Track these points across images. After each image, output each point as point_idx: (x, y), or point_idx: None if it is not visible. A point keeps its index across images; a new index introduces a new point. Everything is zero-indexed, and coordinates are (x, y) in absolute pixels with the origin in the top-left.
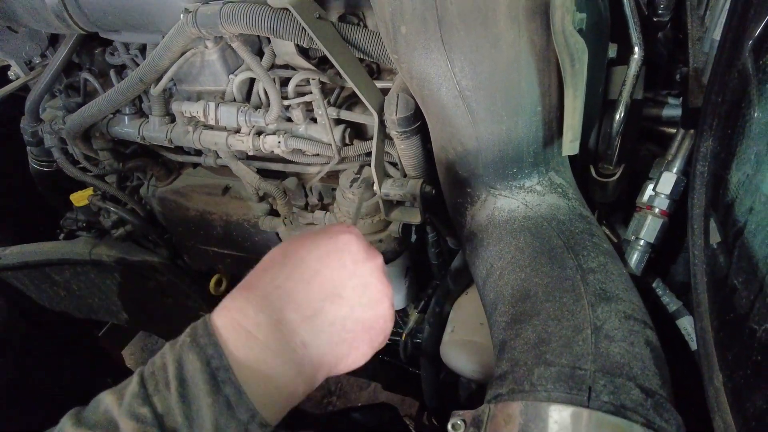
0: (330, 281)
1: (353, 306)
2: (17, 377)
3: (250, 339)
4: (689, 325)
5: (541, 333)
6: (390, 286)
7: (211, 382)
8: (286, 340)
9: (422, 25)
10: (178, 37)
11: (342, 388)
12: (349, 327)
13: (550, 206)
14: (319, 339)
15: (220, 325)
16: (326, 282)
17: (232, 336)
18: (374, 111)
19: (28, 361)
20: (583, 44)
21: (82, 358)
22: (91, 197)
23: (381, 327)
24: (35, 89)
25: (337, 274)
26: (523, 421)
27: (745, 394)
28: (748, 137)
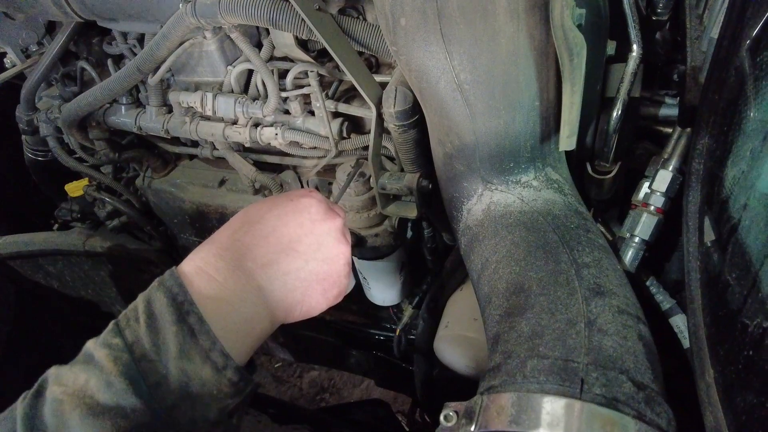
0: (287, 236)
1: (308, 260)
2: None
3: (211, 281)
4: (682, 323)
5: (534, 326)
6: (348, 245)
7: (176, 314)
8: (243, 283)
9: (422, 17)
10: (177, 27)
11: (335, 385)
12: (303, 277)
13: (545, 201)
14: (273, 285)
15: (185, 271)
16: (283, 237)
17: (195, 278)
18: (372, 104)
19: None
20: (582, 39)
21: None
22: (86, 187)
23: (335, 281)
24: (31, 77)
25: (293, 230)
26: (515, 412)
27: (736, 390)
28: (744, 134)
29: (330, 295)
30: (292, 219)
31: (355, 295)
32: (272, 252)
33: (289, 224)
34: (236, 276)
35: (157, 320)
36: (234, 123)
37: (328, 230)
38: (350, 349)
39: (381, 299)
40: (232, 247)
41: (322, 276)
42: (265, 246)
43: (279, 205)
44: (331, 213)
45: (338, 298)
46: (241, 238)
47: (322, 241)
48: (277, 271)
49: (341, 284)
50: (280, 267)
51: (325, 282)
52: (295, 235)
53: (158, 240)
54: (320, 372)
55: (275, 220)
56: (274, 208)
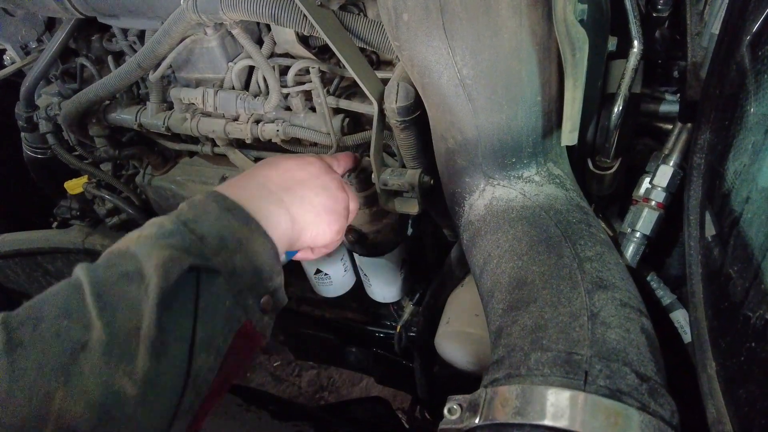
0: (298, 176)
1: (317, 193)
2: None
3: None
4: (682, 318)
5: (537, 319)
6: (347, 194)
7: (221, 204)
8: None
9: (424, 12)
10: (178, 23)
11: (334, 384)
12: (315, 203)
13: (547, 196)
14: (292, 202)
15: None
16: (295, 176)
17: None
18: (374, 100)
19: None
20: (584, 34)
21: None
22: (85, 185)
23: (338, 215)
24: (31, 74)
25: (303, 173)
26: (520, 405)
27: (738, 381)
28: (746, 128)
29: (335, 227)
30: (300, 165)
31: (355, 293)
32: (287, 181)
33: (300, 168)
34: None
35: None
36: (235, 119)
37: (331, 179)
38: (350, 346)
39: (381, 296)
40: (254, 177)
41: (329, 209)
42: (281, 179)
43: (287, 157)
44: (331, 169)
45: (339, 235)
46: (256, 174)
47: (326, 184)
48: (294, 194)
49: (342, 222)
50: (296, 192)
51: (331, 215)
52: (305, 176)
53: None
54: (319, 370)
55: (285, 164)
56: (283, 158)
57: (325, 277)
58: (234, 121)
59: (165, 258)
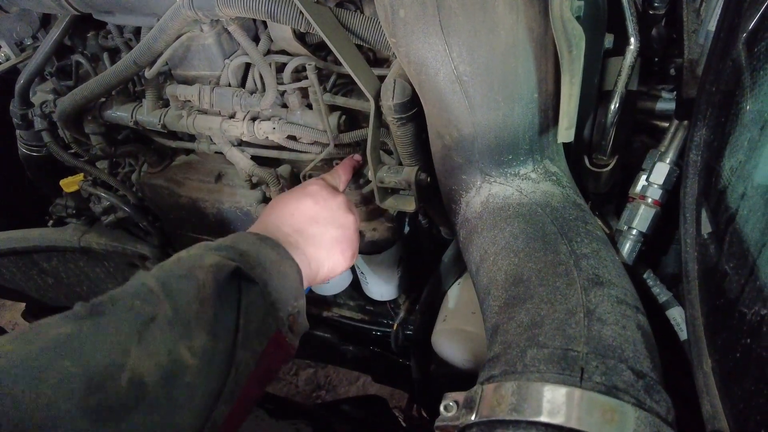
0: (306, 213)
1: (326, 228)
2: None
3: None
4: (678, 316)
5: (534, 316)
6: (354, 214)
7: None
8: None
9: (421, 8)
10: (174, 20)
11: (331, 382)
12: (325, 240)
13: (544, 193)
14: (305, 244)
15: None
16: (304, 214)
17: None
18: (371, 97)
19: None
20: (581, 31)
21: None
22: (81, 183)
23: (349, 243)
24: (26, 71)
25: (310, 209)
26: (516, 401)
27: (734, 378)
28: (742, 125)
29: (347, 254)
30: (307, 201)
31: (352, 291)
32: (298, 223)
33: (306, 204)
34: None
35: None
36: (231, 117)
37: (338, 205)
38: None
39: (378, 294)
40: (264, 223)
41: (340, 239)
42: (292, 220)
43: (293, 193)
44: (335, 191)
45: (353, 258)
46: (270, 219)
47: (334, 214)
48: (306, 235)
49: (354, 246)
50: (308, 232)
51: (342, 244)
52: (313, 212)
53: (154, 236)
54: (316, 369)
55: (294, 202)
56: (290, 197)
57: None
58: (230, 119)
59: (216, 261)
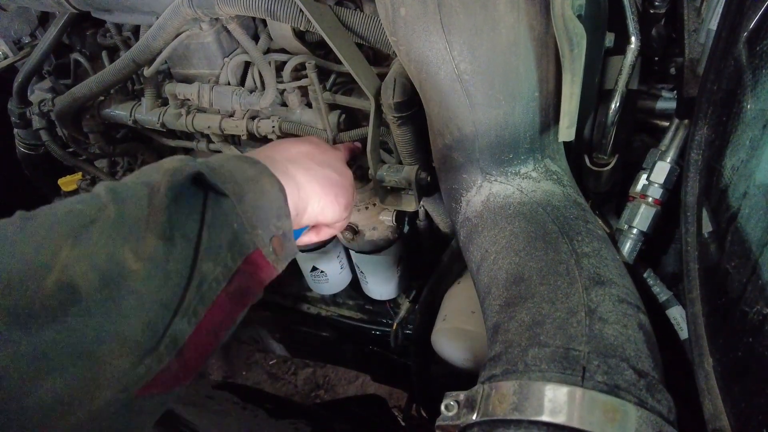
0: (303, 151)
1: (322, 167)
2: None
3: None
4: (679, 315)
5: (535, 315)
6: (349, 172)
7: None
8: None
9: (422, 7)
10: (173, 18)
11: (329, 382)
12: (320, 176)
13: (545, 192)
14: (297, 172)
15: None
16: (300, 151)
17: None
18: (371, 95)
19: None
20: (582, 29)
21: None
22: (80, 182)
23: (344, 189)
24: (24, 70)
25: (308, 149)
26: (517, 400)
27: (735, 377)
28: (743, 123)
29: (341, 200)
30: (305, 143)
31: (352, 290)
32: (294, 155)
33: (304, 145)
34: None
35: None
36: (230, 115)
37: (335, 155)
38: (346, 344)
39: (378, 293)
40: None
41: (334, 182)
42: (287, 152)
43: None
44: (334, 147)
45: (347, 209)
46: (262, 149)
47: (331, 160)
48: (298, 165)
49: (349, 198)
50: (302, 164)
51: (337, 187)
52: (310, 151)
53: None
54: (315, 368)
55: (292, 142)
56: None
57: (321, 274)
58: (229, 117)
59: (174, 165)
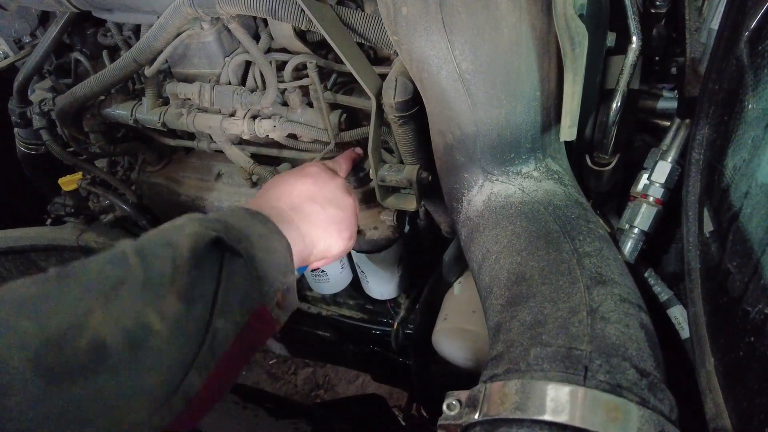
0: (305, 192)
1: (324, 207)
2: None
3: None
4: (680, 315)
5: (537, 315)
6: (352, 197)
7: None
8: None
9: (423, 6)
10: (174, 18)
11: (330, 382)
12: (322, 218)
13: (546, 192)
14: (300, 221)
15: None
16: (302, 192)
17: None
18: (372, 95)
19: None
20: (584, 29)
21: None
22: (80, 181)
23: (347, 224)
24: (24, 69)
25: (309, 188)
26: (520, 400)
27: (737, 376)
28: (745, 123)
29: (344, 235)
30: (305, 181)
31: (352, 290)
32: (295, 200)
33: (305, 183)
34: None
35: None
36: (231, 115)
37: (336, 186)
38: (347, 344)
39: (379, 293)
40: (259, 199)
41: (337, 219)
42: (288, 197)
43: (291, 173)
44: (334, 174)
45: (351, 240)
46: (267, 195)
47: (332, 195)
48: (302, 212)
49: (352, 227)
50: (304, 209)
51: (340, 224)
52: (311, 191)
53: None
54: (315, 368)
55: (293, 181)
56: (289, 176)
57: (321, 274)
58: (230, 117)
59: (196, 230)
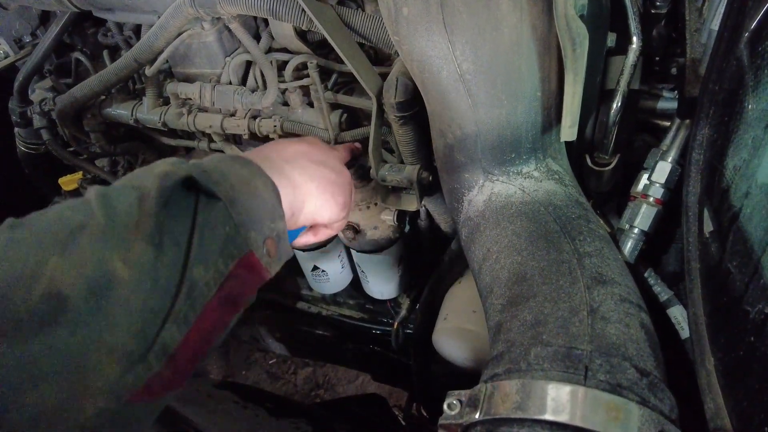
0: (301, 150)
1: (319, 166)
2: None
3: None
4: (679, 315)
5: (537, 314)
6: (347, 171)
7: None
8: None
9: (424, 6)
10: (175, 17)
11: (329, 381)
12: (317, 175)
13: (547, 192)
14: (293, 171)
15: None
16: (298, 150)
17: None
18: (373, 95)
19: None
20: (585, 29)
21: None
22: (80, 181)
23: (342, 188)
24: (25, 68)
25: (305, 148)
26: (520, 399)
27: (737, 376)
28: (745, 123)
29: (338, 199)
30: (302, 143)
31: (352, 289)
32: (290, 154)
33: (302, 145)
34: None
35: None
36: (232, 115)
37: (333, 155)
38: (347, 343)
39: (379, 293)
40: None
41: (332, 180)
42: (284, 152)
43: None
44: (333, 148)
45: (345, 207)
46: (259, 150)
47: (328, 159)
48: (295, 164)
49: (347, 197)
50: (298, 163)
51: (334, 186)
52: (307, 149)
53: None
54: (315, 368)
55: (289, 143)
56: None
57: (322, 273)
58: (231, 117)
59: (165, 169)
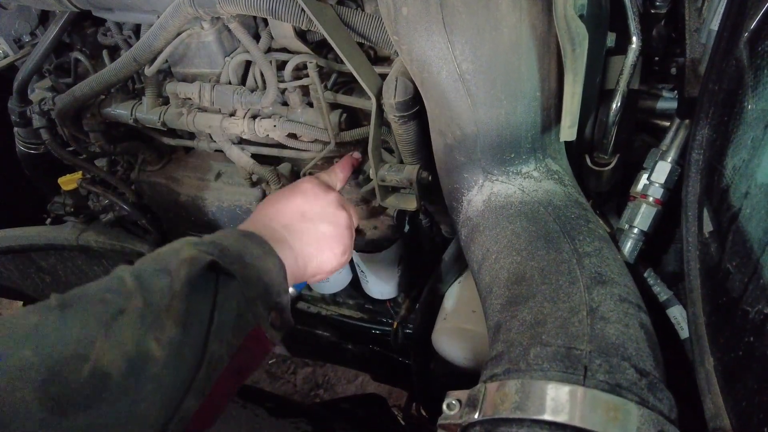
0: (297, 208)
1: (316, 224)
2: None
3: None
4: (679, 315)
5: (536, 314)
6: (346, 211)
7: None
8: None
9: (424, 6)
10: (175, 17)
11: (329, 381)
12: (314, 236)
13: (546, 192)
14: (293, 239)
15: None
16: (295, 209)
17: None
18: (372, 95)
19: None
20: (584, 29)
21: None
22: (80, 181)
23: (339, 239)
24: (24, 68)
25: (300, 205)
26: (519, 399)
27: (736, 376)
28: (745, 123)
29: (337, 251)
30: (297, 198)
31: (352, 289)
32: (288, 218)
33: (297, 201)
34: (265, 230)
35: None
36: (231, 115)
37: (328, 202)
38: (346, 343)
39: (379, 292)
40: (253, 220)
41: (329, 235)
42: (282, 215)
43: (284, 191)
44: (328, 188)
45: (345, 255)
46: (260, 215)
47: (324, 210)
48: (294, 230)
49: (345, 242)
50: (296, 227)
51: (332, 240)
52: (303, 208)
53: (153, 234)
54: (314, 368)
55: (285, 200)
56: (281, 194)
57: None
58: (230, 117)
59: (192, 255)
